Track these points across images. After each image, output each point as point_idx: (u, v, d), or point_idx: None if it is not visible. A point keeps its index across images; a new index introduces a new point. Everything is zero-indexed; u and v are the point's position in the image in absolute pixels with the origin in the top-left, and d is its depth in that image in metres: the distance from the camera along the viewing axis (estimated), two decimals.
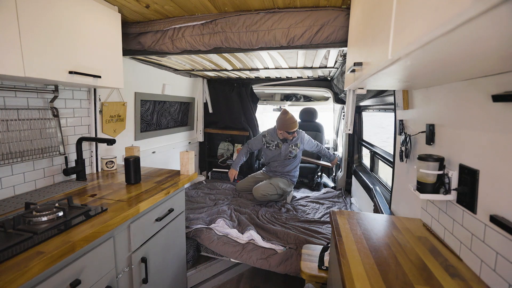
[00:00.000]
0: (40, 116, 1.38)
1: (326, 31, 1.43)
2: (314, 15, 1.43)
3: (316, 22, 1.42)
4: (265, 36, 1.51)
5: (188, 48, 1.68)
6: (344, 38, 1.43)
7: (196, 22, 1.59)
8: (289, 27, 1.47)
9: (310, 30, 1.44)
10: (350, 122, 1.41)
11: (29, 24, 1.02)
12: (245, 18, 1.52)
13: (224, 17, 1.55)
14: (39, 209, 1.02)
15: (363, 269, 0.80)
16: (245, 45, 1.58)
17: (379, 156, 2.34)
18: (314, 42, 1.47)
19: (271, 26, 1.48)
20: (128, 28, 1.73)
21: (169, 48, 1.70)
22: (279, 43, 1.52)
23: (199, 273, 1.95)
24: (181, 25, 1.62)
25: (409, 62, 0.59)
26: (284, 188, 2.71)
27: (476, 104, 0.81)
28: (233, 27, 1.54)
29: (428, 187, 0.95)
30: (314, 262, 1.55)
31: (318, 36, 1.45)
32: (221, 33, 1.58)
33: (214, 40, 1.61)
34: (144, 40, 1.74)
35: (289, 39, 1.49)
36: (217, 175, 3.69)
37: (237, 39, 1.57)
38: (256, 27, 1.51)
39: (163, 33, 1.69)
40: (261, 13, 1.49)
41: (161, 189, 1.45)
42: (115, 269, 1.13)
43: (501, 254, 0.69)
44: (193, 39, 1.64)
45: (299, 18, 1.45)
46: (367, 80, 0.95)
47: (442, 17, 0.37)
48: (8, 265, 0.75)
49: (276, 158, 2.83)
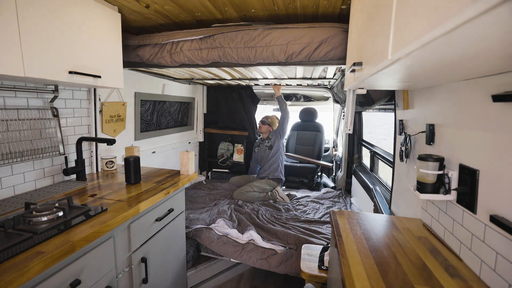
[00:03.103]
0: (40, 116, 1.38)
1: (324, 49, 1.44)
2: (312, 32, 1.44)
3: (315, 39, 1.43)
4: (263, 52, 1.52)
5: (186, 62, 1.69)
6: (342, 55, 1.44)
7: (194, 37, 1.59)
8: (287, 44, 1.47)
9: (308, 47, 1.45)
10: (350, 122, 1.41)
11: (29, 24, 1.02)
12: (243, 34, 1.53)
13: (222, 33, 1.55)
14: (39, 209, 1.02)
15: (363, 269, 0.80)
16: (243, 60, 1.59)
17: (379, 156, 2.34)
18: (313, 59, 1.48)
19: (269, 42, 1.49)
20: (127, 40, 1.74)
21: (168, 61, 1.71)
22: (278, 59, 1.52)
23: (199, 273, 1.95)
24: (180, 39, 1.63)
25: (409, 62, 0.59)
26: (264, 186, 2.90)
27: (476, 104, 0.81)
28: (231, 42, 1.55)
29: (428, 187, 0.95)
30: (314, 262, 1.55)
31: (316, 53, 1.45)
32: (219, 48, 1.58)
33: (212, 55, 1.62)
34: (143, 53, 1.74)
35: (287, 55, 1.49)
36: (217, 175, 3.69)
37: (235, 54, 1.57)
38: (254, 43, 1.51)
39: (162, 47, 1.70)
40: (259, 29, 1.50)
41: (161, 189, 1.45)
42: (115, 269, 1.13)
43: (501, 254, 0.69)
44: (191, 54, 1.65)
45: (297, 35, 1.45)
46: (367, 80, 0.95)
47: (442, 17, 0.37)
48: (8, 265, 0.75)
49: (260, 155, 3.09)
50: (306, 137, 3.96)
